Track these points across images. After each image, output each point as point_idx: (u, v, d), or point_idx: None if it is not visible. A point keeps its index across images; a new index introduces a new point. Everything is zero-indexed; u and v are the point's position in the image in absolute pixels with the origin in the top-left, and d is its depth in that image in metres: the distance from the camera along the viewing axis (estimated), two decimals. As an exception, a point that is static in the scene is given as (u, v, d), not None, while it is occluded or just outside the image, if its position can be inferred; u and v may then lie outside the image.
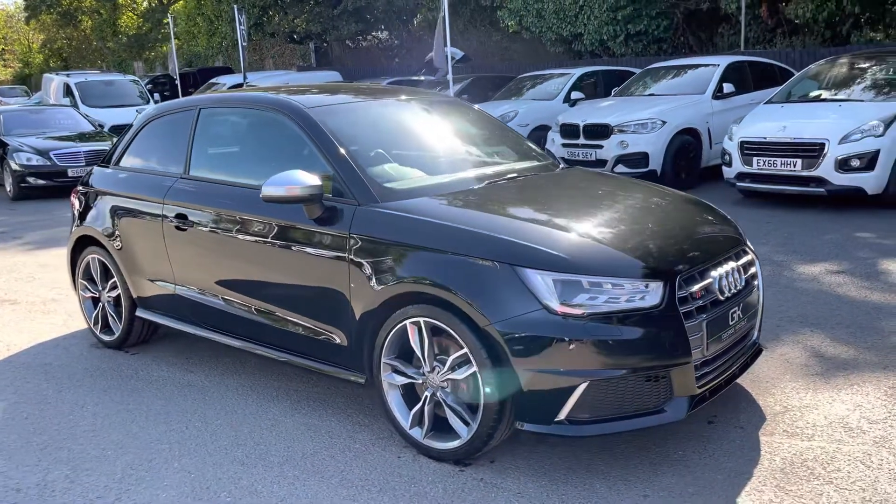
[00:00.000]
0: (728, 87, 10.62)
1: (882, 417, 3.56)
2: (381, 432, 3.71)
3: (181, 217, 4.32)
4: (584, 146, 10.30)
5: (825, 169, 8.16)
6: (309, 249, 3.71)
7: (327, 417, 3.90)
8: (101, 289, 5.08)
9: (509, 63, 18.95)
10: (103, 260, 4.98)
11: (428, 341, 3.34)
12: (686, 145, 10.16)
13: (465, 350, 3.20)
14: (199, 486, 3.30)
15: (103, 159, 5.26)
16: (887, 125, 8.10)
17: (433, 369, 3.36)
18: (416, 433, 3.45)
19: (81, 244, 5.19)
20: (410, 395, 3.53)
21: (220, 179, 4.24)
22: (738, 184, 8.99)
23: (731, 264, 3.49)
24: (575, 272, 3.08)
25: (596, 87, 12.97)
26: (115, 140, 13.19)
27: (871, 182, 8.07)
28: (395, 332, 3.44)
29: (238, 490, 3.26)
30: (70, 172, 12.38)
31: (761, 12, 15.43)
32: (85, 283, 5.18)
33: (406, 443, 3.54)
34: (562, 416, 3.08)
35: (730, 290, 3.41)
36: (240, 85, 19.49)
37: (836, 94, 9.15)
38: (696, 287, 3.23)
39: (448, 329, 3.24)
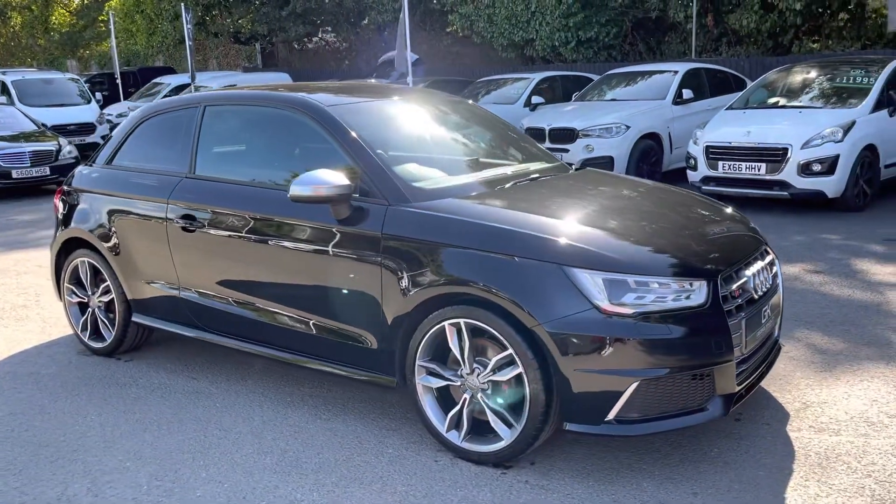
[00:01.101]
0: (687, 93, 10.88)
1: (899, 411, 3.69)
2: (411, 436, 3.65)
3: (188, 218, 4.18)
4: (549, 150, 10.37)
5: (788, 173, 8.44)
6: (336, 250, 3.63)
7: (351, 423, 3.82)
8: (90, 293, 4.86)
9: (460, 67, 19.00)
10: (94, 263, 4.77)
11: (468, 343, 3.30)
12: (649, 149, 10.37)
13: (510, 351, 3.17)
14: (235, 496, 3.19)
15: (90, 159, 5.04)
16: (845, 131, 8.43)
17: (473, 371, 3.32)
18: (454, 436, 3.41)
19: (67, 247, 4.96)
20: (444, 397, 3.49)
21: (234, 179, 4.11)
22: (703, 187, 9.19)
23: (760, 263, 3.57)
24: (623, 271, 3.09)
25: (554, 91, 13.11)
26: (60, 140, 12.74)
27: (831, 186, 8.37)
28: (431, 334, 3.39)
29: (277, 499, 3.16)
30: (14, 174, 11.84)
31: (707, 22, 15.87)
32: (72, 287, 4.95)
33: (441, 446, 3.49)
34: (611, 416, 3.08)
35: (762, 288, 3.48)
36: (187, 85, 19.04)
37: (792, 102, 9.47)
38: (734, 286, 3.28)
39: (491, 330, 3.21)
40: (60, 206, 5.04)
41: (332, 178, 3.52)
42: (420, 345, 3.43)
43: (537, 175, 4.12)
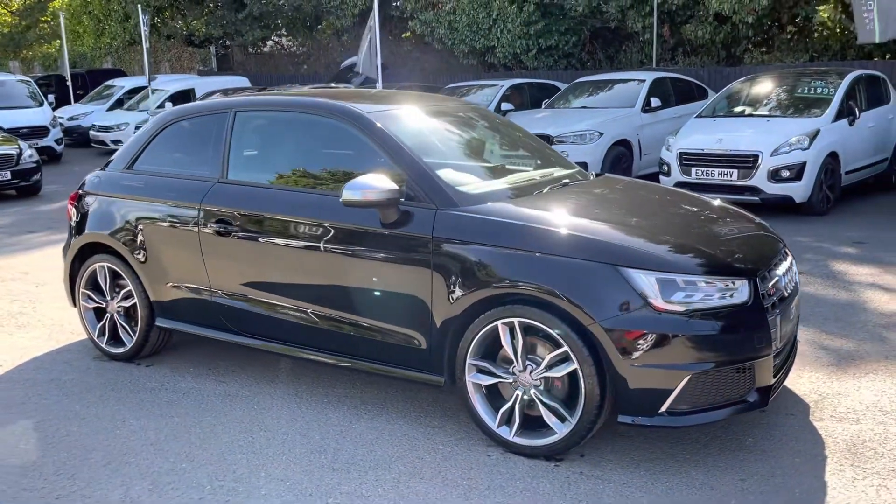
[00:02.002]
0: (655, 102, 11.25)
1: (908, 401, 3.98)
2: (458, 433, 3.77)
3: (223, 222, 4.22)
4: (525, 156, 10.61)
5: (759, 179, 8.84)
6: (384, 253, 3.73)
7: (394, 421, 3.92)
8: (109, 298, 4.84)
9: (420, 73, 19.14)
10: (114, 268, 4.75)
11: (522, 341, 3.44)
12: (620, 156, 10.68)
13: (565, 348, 3.33)
14: (302, 494, 3.26)
15: (106, 164, 5.02)
16: (811, 139, 8.87)
17: (525, 368, 3.46)
18: (504, 431, 3.54)
19: (82, 253, 4.92)
20: (492, 394, 3.62)
21: (272, 184, 4.17)
22: (676, 192, 9.52)
23: (785, 264, 3.80)
24: (673, 271, 3.28)
25: (522, 98, 13.37)
26: (20, 144, 12.40)
27: (799, 191, 8.80)
28: (483, 334, 3.52)
29: (344, 496, 3.24)
30: (-24, 178, 11.50)
31: (663, 32, 16.37)
32: (88, 293, 4.91)
33: (490, 441, 3.62)
34: (663, 408, 3.26)
35: (789, 287, 3.72)
36: (142, 88, 18.74)
37: (759, 111, 9.90)
38: (770, 284, 3.51)
39: (546, 328, 3.36)
40: (74, 211, 5.00)
41: (382, 184, 3.63)
42: (471, 344, 3.55)
43: (567, 180, 4.29)
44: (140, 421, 4.03)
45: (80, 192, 5.02)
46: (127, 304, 4.77)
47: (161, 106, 17.90)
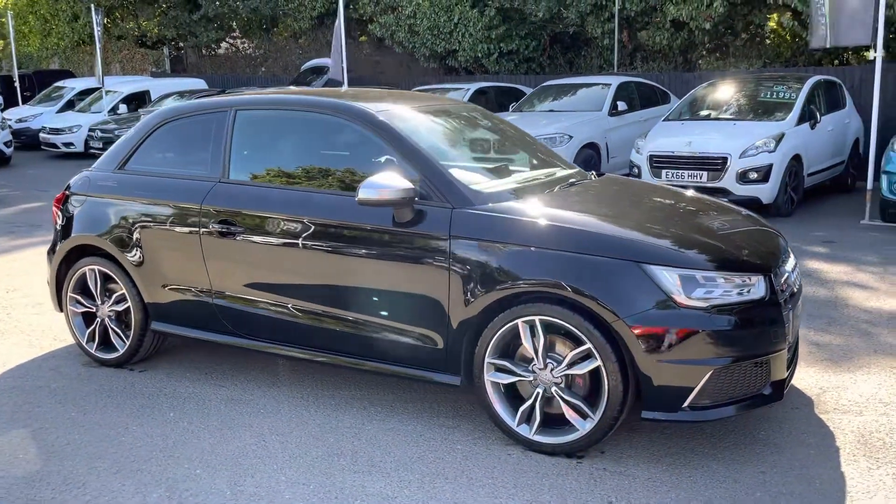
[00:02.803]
0: (622, 105, 11.41)
1: (904, 392, 4.10)
2: (474, 433, 3.76)
3: (226, 223, 4.13)
4: (495, 158, 10.65)
5: (728, 181, 9.04)
6: (399, 253, 3.70)
7: (408, 422, 3.89)
8: (99, 303, 4.69)
9: (379, 76, 19.08)
10: (105, 271, 4.61)
11: (543, 339, 3.44)
12: (589, 158, 10.80)
13: (588, 346, 3.34)
14: (327, 497, 3.20)
15: (93, 165, 4.87)
16: (777, 142, 9.11)
17: (546, 366, 3.47)
18: (524, 430, 3.54)
19: (69, 256, 4.77)
20: (510, 393, 3.62)
21: (279, 184, 4.10)
22: (647, 194, 9.67)
23: (792, 261, 3.89)
24: (692, 267, 3.32)
25: (488, 101, 13.43)
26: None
27: (765, 192, 9.03)
28: (502, 332, 3.52)
29: (371, 498, 3.20)
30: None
31: (623, 38, 16.63)
32: (77, 297, 4.76)
33: (508, 440, 3.62)
34: (686, 403, 3.30)
35: (797, 283, 3.81)
36: (94, 90, 18.27)
37: (724, 114, 10.13)
38: (782, 280, 3.58)
39: (568, 326, 3.37)
40: (60, 213, 4.84)
41: (397, 182, 3.60)
42: (490, 343, 3.55)
43: (573, 180, 4.32)
44: (143, 427, 3.91)
45: (67, 193, 4.86)
46: (119, 308, 4.63)
47: (115, 108, 17.51)
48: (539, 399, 3.50)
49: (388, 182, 3.59)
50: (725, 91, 10.65)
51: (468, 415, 3.94)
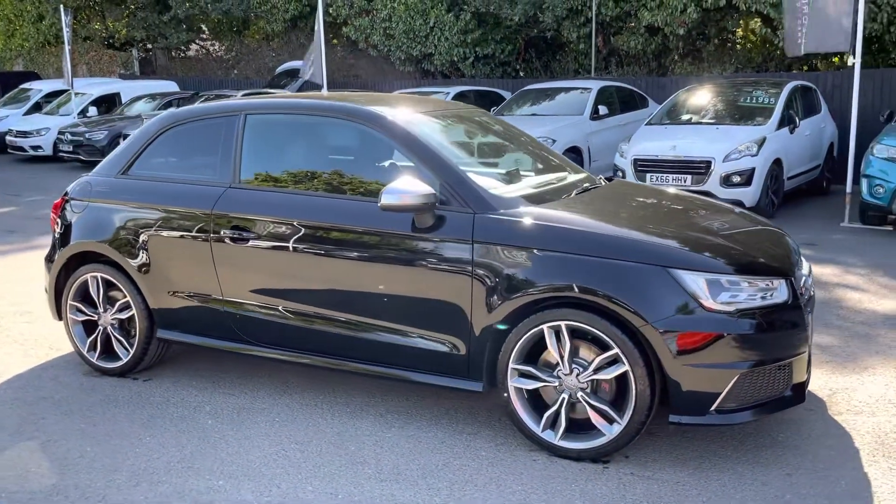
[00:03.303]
0: (603, 109, 11.50)
1: (912, 393, 4.18)
2: (495, 439, 3.74)
3: (238, 228, 4.06)
4: (479, 162, 10.66)
5: (712, 184, 9.15)
6: (420, 259, 3.67)
7: (427, 429, 3.86)
8: (102, 311, 4.58)
9: (354, 79, 18.99)
10: (108, 278, 4.50)
11: (569, 344, 3.44)
12: (572, 162, 10.85)
13: (615, 350, 3.35)
14: (358, 507, 3.17)
15: (94, 170, 4.77)
16: (759, 146, 9.25)
17: (571, 371, 3.47)
18: (549, 435, 3.53)
19: (69, 263, 4.65)
20: (532, 399, 3.61)
21: (293, 190, 4.04)
22: (631, 198, 9.75)
23: (805, 264, 3.95)
24: (717, 272, 3.35)
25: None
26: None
27: (748, 196, 9.15)
28: (527, 338, 3.51)
29: (402, 506, 3.17)
30: None
31: (598, 42, 16.78)
32: (77, 305, 4.64)
33: (532, 446, 3.61)
34: (713, 407, 3.33)
35: (811, 286, 3.86)
36: (62, 92, 17.91)
37: (706, 119, 10.26)
38: (801, 283, 3.63)
39: (595, 331, 3.37)
40: (59, 220, 4.72)
41: (419, 188, 3.57)
42: (514, 348, 3.54)
43: (587, 185, 4.33)
44: (156, 438, 3.83)
45: (66, 199, 4.75)
46: (123, 315, 4.52)
47: (84, 111, 17.18)
48: (564, 404, 3.50)
49: (409, 187, 3.57)
50: (706, 96, 10.79)
51: (486, 421, 3.92)
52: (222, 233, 4.10)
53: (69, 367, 4.80)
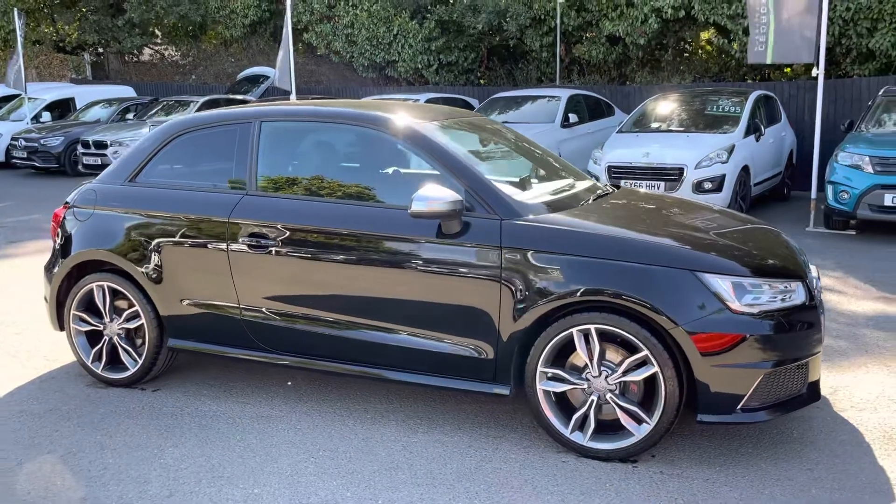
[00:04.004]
0: (573, 117, 11.69)
1: (908, 390, 4.38)
2: (522, 441, 3.80)
3: (257, 236, 4.05)
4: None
5: (685, 190, 9.38)
6: (446, 264, 3.71)
7: (452, 433, 3.89)
8: (108, 320, 4.50)
9: (316, 85, 18.91)
10: (115, 287, 4.43)
11: (598, 347, 3.52)
12: (544, 169, 11.00)
13: (645, 353, 3.44)
14: (400, 512, 3.19)
15: (99, 177, 4.69)
16: (729, 153, 9.53)
17: (600, 374, 3.55)
18: (578, 437, 3.61)
19: (72, 272, 4.56)
20: (559, 401, 3.68)
21: (313, 197, 4.04)
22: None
23: (813, 266, 4.10)
24: (740, 275, 3.47)
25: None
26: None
27: (719, 201, 9.39)
28: (556, 341, 3.58)
29: (444, 510, 3.20)
30: None
31: (560, 51, 17.04)
32: (81, 315, 4.55)
33: (560, 447, 3.67)
34: (739, 406, 3.44)
35: (821, 288, 4.02)
36: (14, 96, 17.43)
37: (675, 127, 10.52)
38: (814, 286, 3.78)
39: (624, 334, 3.46)
40: (61, 229, 4.62)
41: (447, 194, 3.62)
42: (543, 352, 3.60)
43: (600, 191, 4.42)
44: (178, 448, 3.79)
45: (68, 207, 4.65)
46: (131, 325, 4.45)
47: (37, 116, 16.74)
48: (593, 406, 3.57)
49: (437, 194, 3.61)
50: (673, 105, 11.06)
51: (509, 424, 3.98)
52: (240, 240, 4.08)
53: (71, 379, 4.70)
